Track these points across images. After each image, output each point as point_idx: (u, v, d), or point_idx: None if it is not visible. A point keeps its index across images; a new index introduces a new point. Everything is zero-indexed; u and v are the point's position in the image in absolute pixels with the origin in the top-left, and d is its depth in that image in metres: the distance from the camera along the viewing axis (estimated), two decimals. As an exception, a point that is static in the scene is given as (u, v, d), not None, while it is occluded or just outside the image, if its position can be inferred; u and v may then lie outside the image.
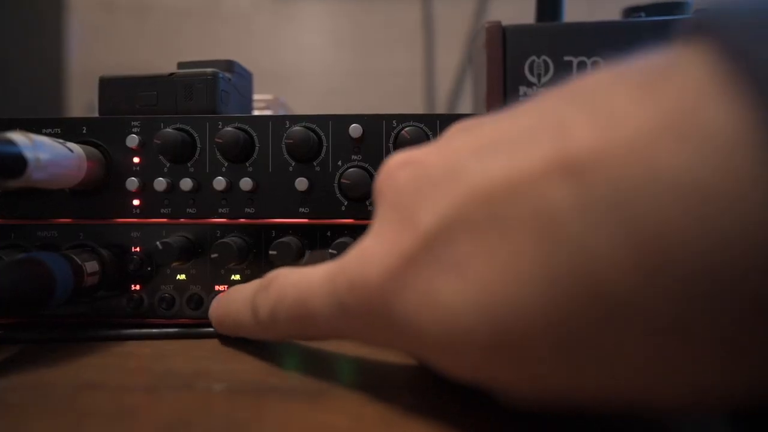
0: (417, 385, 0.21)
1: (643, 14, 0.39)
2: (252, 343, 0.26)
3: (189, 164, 0.30)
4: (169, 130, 0.30)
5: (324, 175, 0.30)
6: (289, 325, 0.20)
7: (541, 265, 0.12)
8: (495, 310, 0.13)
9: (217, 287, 0.30)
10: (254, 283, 0.23)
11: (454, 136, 0.17)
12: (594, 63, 0.36)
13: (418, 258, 0.15)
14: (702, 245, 0.10)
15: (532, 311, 0.13)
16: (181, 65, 0.35)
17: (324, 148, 0.30)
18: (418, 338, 0.15)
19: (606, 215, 0.11)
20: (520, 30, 0.37)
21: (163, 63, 0.37)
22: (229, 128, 0.30)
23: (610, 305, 0.12)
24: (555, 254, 0.12)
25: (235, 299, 0.24)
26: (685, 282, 0.11)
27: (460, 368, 0.15)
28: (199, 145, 0.30)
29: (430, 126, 0.30)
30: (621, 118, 0.12)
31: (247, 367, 0.23)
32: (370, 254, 0.17)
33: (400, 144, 0.29)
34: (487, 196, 0.14)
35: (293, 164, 0.30)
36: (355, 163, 0.30)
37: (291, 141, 0.29)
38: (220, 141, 0.29)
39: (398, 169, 0.17)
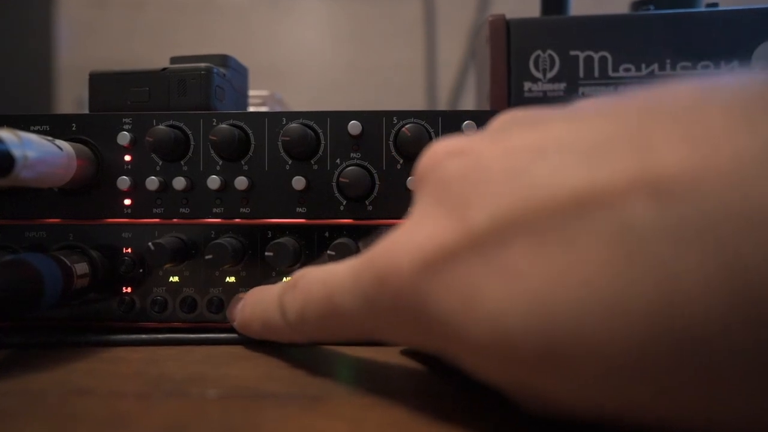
0: (419, 389, 0.21)
1: (652, 7, 0.39)
2: (247, 347, 0.26)
3: (182, 162, 0.30)
4: (161, 127, 0.30)
5: (322, 173, 0.30)
6: (317, 326, 0.20)
7: (615, 281, 0.12)
8: (549, 319, 0.13)
9: (211, 290, 0.30)
10: (281, 284, 0.23)
11: (509, 129, 0.17)
12: (601, 58, 0.36)
13: (462, 253, 0.15)
14: None
15: (594, 327, 0.12)
16: (174, 60, 0.35)
17: (322, 145, 0.30)
18: (452, 338, 0.15)
19: (696, 241, 0.11)
20: (524, 23, 0.37)
21: (155, 58, 0.37)
22: (224, 125, 0.30)
23: (687, 332, 0.11)
24: (633, 272, 0.12)
25: (263, 300, 0.24)
26: None
27: (494, 372, 0.15)
28: (192, 143, 0.30)
29: (431, 123, 0.30)
30: (717, 143, 0.12)
31: (242, 372, 0.23)
32: (403, 243, 0.16)
33: (400, 142, 0.29)
34: (557, 204, 0.13)
35: (290, 162, 0.30)
36: (354, 161, 0.30)
37: (288, 138, 0.29)
38: (215, 138, 0.29)
39: (448, 157, 0.17)
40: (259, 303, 0.24)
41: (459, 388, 0.17)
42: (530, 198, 0.14)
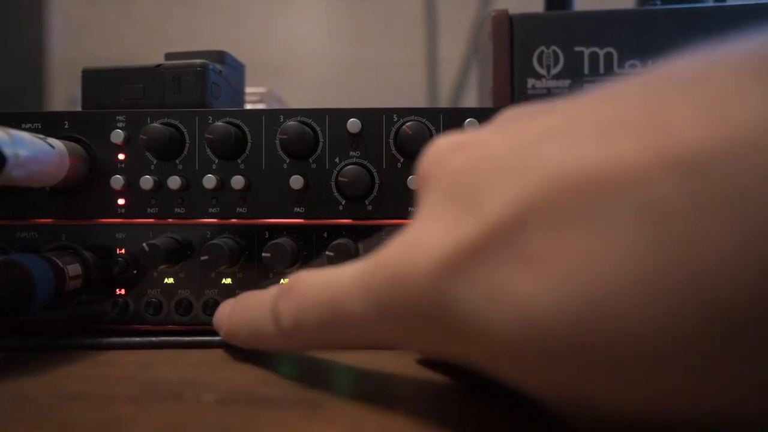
0: (417, 395, 0.21)
1: (658, 2, 0.39)
2: (244, 350, 0.26)
3: (177, 161, 0.30)
4: (156, 124, 0.30)
5: (320, 172, 0.30)
6: (316, 333, 0.19)
7: (645, 261, 0.12)
8: (579, 306, 0.13)
9: (207, 291, 0.30)
10: (273, 289, 0.22)
11: (512, 121, 0.17)
12: (607, 54, 0.36)
13: (483, 248, 0.14)
14: None
15: (627, 309, 0.12)
16: (168, 56, 0.35)
17: (320, 144, 0.30)
18: (479, 339, 0.14)
19: (722, 213, 0.11)
20: (528, 19, 0.37)
21: (149, 54, 0.37)
22: (220, 123, 0.30)
23: (724, 309, 0.11)
24: (662, 251, 0.12)
25: (252, 307, 0.23)
26: None
27: (529, 374, 0.15)
28: (187, 141, 0.30)
29: (432, 120, 0.30)
30: (731, 111, 0.12)
31: (238, 376, 0.23)
32: (419, 244, 0.16)
33: (400, 140, 0.29)
34: (574, 186, 0.13)
35: (288, 161, 0.30)
36: (354, 159, 0.30)
37: (285, 136, 0.29)
38: (211, 136, 0.29)
39: (451, 152, 0.17)
40: (249, 309, 0.23)
41: (458, 393, 0.17)
42: (545, 180, 0.14)
